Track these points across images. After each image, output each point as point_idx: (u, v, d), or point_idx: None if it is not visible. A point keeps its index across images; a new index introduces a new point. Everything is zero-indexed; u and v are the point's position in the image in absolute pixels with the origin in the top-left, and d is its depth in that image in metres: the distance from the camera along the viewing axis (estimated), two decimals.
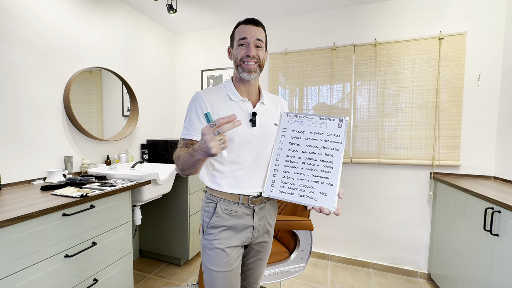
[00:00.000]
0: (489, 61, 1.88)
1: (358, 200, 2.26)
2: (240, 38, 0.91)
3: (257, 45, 0.91)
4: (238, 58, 0.91)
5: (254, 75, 0.92)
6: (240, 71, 0.92)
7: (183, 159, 0.79)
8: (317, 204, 0.81)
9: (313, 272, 2.17)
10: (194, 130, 0.89)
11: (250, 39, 0.90)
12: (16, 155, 1.46)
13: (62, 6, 1.69)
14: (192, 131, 0.89)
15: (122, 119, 2.18)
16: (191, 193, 2.14)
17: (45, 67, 1.60)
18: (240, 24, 0.93)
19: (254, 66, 0.91)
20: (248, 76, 0.91)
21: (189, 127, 0.90)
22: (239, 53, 0.91)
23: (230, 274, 0.91)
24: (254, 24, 0.91)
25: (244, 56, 0.90)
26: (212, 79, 2.69)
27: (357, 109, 2.21)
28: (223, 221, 0.91)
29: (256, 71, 0.92)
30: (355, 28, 2.20)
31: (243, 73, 0.91)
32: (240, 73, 0.92)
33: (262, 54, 0.93)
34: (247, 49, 0.90)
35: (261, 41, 0.92)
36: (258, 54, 0.91)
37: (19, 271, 0.99)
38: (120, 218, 1.48)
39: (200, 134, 0.86)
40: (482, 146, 1.93)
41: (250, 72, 0.91)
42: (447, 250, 1.78)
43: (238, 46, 0.92)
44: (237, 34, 0.93)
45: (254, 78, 0.93)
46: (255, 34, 0.90)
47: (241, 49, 0.91)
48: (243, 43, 0.91)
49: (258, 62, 0.92)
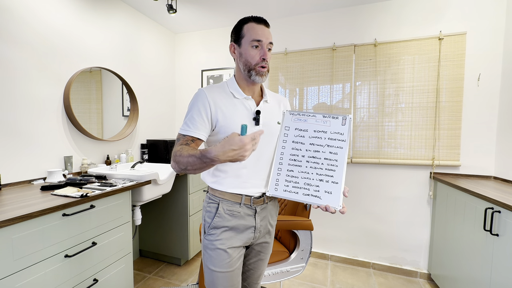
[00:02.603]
0: (489, 61, 1.88)
1: (358, 200, 2.26)
2: (255, 39, 0.87)
3: (269, 48, 0.91)
4: (252, 62, 0.89)
5: (265, 78, 0.92)
6: (253, 74, 0.90)
7: (189, 161, 0.75)
8: (322, 203, 0.80)
9: (313, 272, 2.17)
10: (195, 127, 0.86)
11: (265, 42, 0.88)
12: (16, 155, 1.46)
13: (62, 6, 1.69)
14: (192, 128, 0.86)
15: (122, 119, 2.18)
16: (191, 193, 2.14)
17: (45, 67, 1.60)
18: (251, 22, 0.90)
19: (266, 70, 0.91)
20: (260, 79, 0.91)
21: (189, 123, 0.87)
22: (252, 56, 0.89)
23: (231, 274, 0.90)
24: (266, 25, 0.90)
25: (260, 60, 0.89)
26: (212, 79, 2.69)
27: (357, 109, 2.21)
28: (225, 222, 0.90)
29: (266, 74, 0.92)
30: (355, 28, 2.20)
31: (256, 76, 0.90)
32: (252, 76, 0.90)
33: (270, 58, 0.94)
34: (262, 52, 0.89)
35: (272, 44, 0.92)
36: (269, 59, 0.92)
37: (19, 271, 0.99)
38: (120, 218, 1.48)
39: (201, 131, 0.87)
40: (482, 146, 1.93)
41: (263, 75, 0.91)
42: (447, 250, 1.78)
43: (251, 47, 0.89)
44: (248, 33, 0.89)
45: (264, 81, 0.94)
46: (268, 37, 0.89)
47: (254, 51, 0.89)
48: (258, 45, 0.88)
49: (268, 67, 0.92)
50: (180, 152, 0.78)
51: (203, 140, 0.88)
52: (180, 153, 0.78)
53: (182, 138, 0.86)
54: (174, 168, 0.82)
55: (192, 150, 0.77)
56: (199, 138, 0.87)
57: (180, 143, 0.84)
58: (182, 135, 0.87)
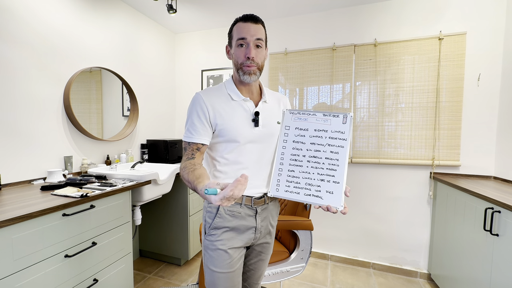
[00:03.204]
0: (489, 61, 1.88)
1: (358, 200, 2.26)
2: (239, 38, 0.86)
3: (257, 45, 0.87)
4: (238, 60, 0.88)
5: (255, 77, 0.89)
6: (241, 74, 0.89)
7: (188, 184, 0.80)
8: (324, 203, 0.79)
9: (313, 272, 2.17)
10: (197, 133, 0.87)
11: (249, 39, 0.85)
12: (16, 155, 1.46)
13: (62, 6, 1.69)
14: (195, 134, 0.87)
15: (122, 119, 2.18)
16: (191, 193, 2.14)
17: (45, 67, 1.60)
18: (238, 22, 0.88)
19: (254, 68, 0.88)
20: (249, 78, 0.88)
21: (191, 130, 0.87)
22: (238, 55, 0.87)
23: (232, 275, 0.90)
24: (253, 22, 0.86)
25: (244, 58, 0.87)
26: (212, 79, 2.69)
27: (357, 109, 2.21)
28: (225, 222, 0.90)
29: (256, 73, 0.89)
30: (355, 28, 2.20)
31: (243, 76, 0.88)
32: (241, 76, 0.89)
33: (262, 55, 0.90)
34: (246, 50, 0.86)
35: (261, 40, 0.87)
36: (258, 56, 0.88)
37: (19, 271, 0.99)
38: (120, 218, 1.48)
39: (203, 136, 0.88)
40: (482, 146, 1.93)
41: (251, 74, 0.88)
42: (447, 250, 1.78)
43: (237, 47, 0.87)
44: (235, 32, 0.88)
45: (254, 81, 0.90)
46: (254, 33, 0.85)
47: (240, 50, 0.87)
48: (242, 43, 0.86)
49: (258, 65, 0.89)
50: (182, 172, 0.84)
51: (206, 144, 0.90)
52: (182, 173, 0.84)
53: (188, 147, 0.88)
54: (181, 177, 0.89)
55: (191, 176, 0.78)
56: (203, 144, 0.88)
57: (186, 156, 0.87)
58: (187, 144, 0.89)
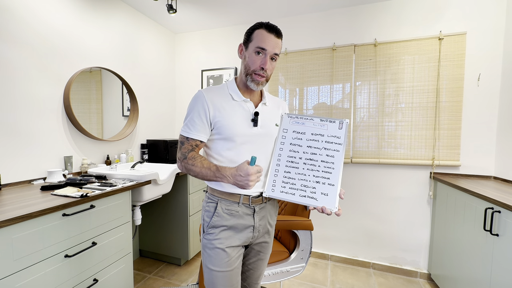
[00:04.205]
0: (489, 61, 1.88)
1: (358, 200, 2.26)
2: (259, 47, 0.88)
3: (273, 58, 0.91)
4: (251, 67, 0.90)
5: (261, 87, 0.93)
6: (249, 79, 0.91)
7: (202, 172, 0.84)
8: (318, 204, 0.81)
9: (313, 272, 2.17)
10: (196, 130, 0.90)
11: (269, 51, 0.88)
12: (16, 155, 1.46)
13: (62, 6, 1.69)
14: (193, 130, 0.90)
15: (122, 119, 2.18)
16: (191, 193, 2.14)
17: (45, 67, 1.60)
18: (262, 28, 0.89)
19: (263, 79, 0.91)
20: (255, 87, 0.92)
21: (190, 126, 0.90)
22: (253, 62, 0.90)
23: (230, 274, 0.91)
24: (276, 35, 0.90)
25: (258, 68, 0.89)
26: (212, 79, 2.69)
27: (357, 109, 2.21)
28: (223, 221, 0.91)
29: (263, 83, 0.93)
30: (355, 28, 2.20)
31: (251, 83, 0.91)
32: (248, 82, 0.92)
33: (273, 67, 0.93)
34: (263, 60, 0.89)
35: (278, 55, 0.92)
36: (270, 69, 0.91)
37: (19, 271, 0.99)
38: (120, 218, 1.48)
39: (201, 134, 0.90)
40: (482, 146, 1.93)
41: (258, 84, 0.91)
42: (447, 250, 1.78)
43: (254, 53, 0.89)
44: (256, 38, 0.89)
45: (259, 89, 0.95)
46: (274, 47, 0.89)
47: (256, 58, 0.89)
48: (260, 52, 0.89)
49: (267, 77, 0.92)
50: (193, 161, 0.86)
51: (204, 142, 0.92)
52: (193, 163, 0.86)
53: (186, 142, 0.91)
54: (181, 170, 0.90)
55: (207, 163, 0.86)
56: (201, 140, 0.91)
57: (186, 148, 0.90)
58: (185, 138, 0.91)
